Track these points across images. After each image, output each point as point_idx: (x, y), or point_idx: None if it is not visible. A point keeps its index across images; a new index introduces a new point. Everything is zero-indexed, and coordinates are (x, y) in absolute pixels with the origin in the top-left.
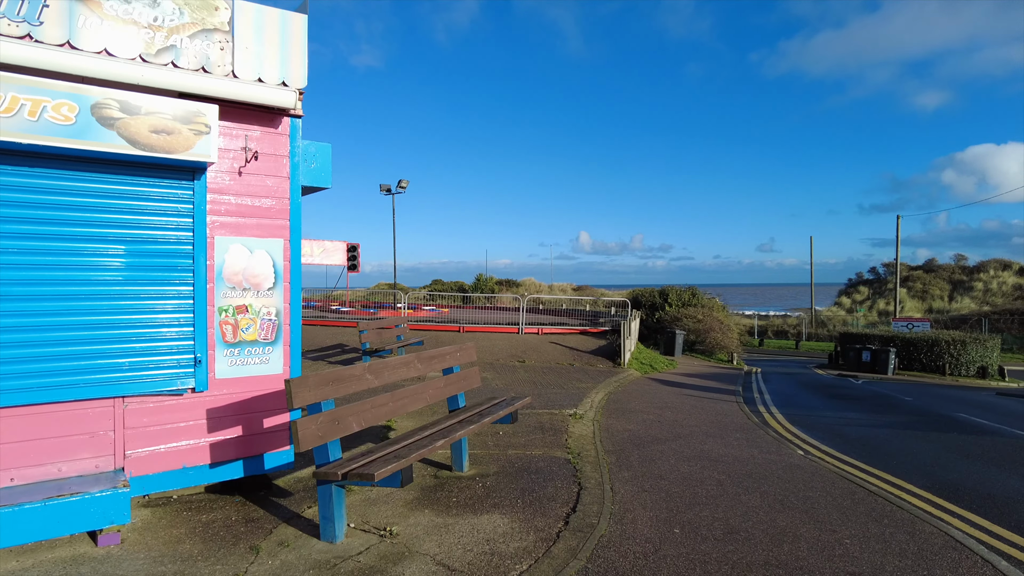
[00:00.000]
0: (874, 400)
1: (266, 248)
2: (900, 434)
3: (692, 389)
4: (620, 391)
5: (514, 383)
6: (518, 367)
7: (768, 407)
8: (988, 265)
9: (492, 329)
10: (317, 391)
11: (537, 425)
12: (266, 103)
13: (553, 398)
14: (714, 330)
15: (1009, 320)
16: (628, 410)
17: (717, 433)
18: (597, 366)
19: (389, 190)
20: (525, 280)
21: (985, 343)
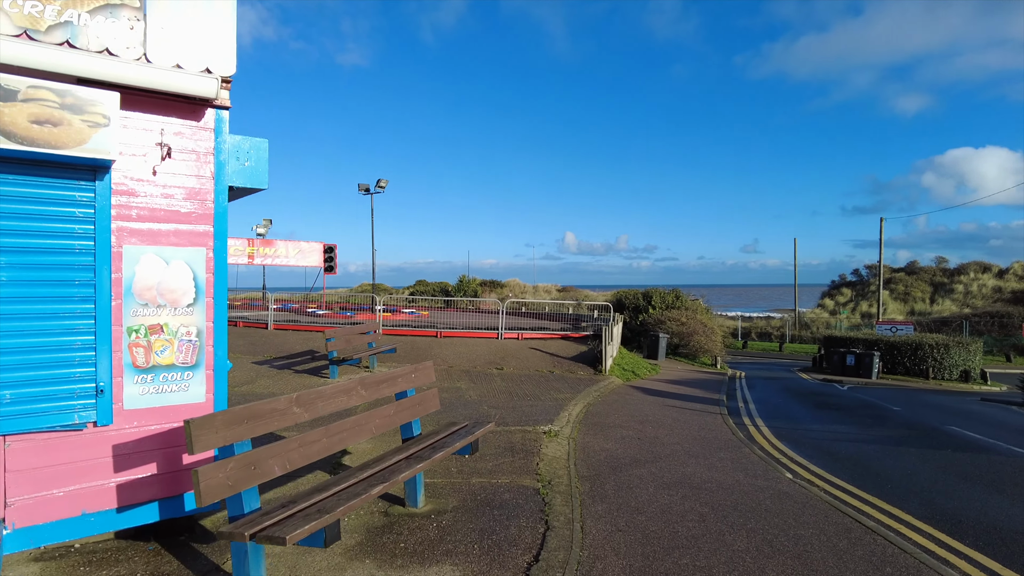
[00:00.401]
0: (862, 410)
1: (185, 258)
2: (892, 451)
3: (675, 399)
4: (600, 402)
5: (489, 394)
6: (495, 375)
7: (753, 419)
8: (968, 268)
9: (471, 334)
10: (227, 432)
11: (508, 446)
12: (184, 92)
13: (528, 412)
14: (698, 333)
15: (989, 322)
16: (607, 425)
17: (700, 452)
18: (577, 373)
19: (368, 190)
20: (510, 281)
21: (968, 347)
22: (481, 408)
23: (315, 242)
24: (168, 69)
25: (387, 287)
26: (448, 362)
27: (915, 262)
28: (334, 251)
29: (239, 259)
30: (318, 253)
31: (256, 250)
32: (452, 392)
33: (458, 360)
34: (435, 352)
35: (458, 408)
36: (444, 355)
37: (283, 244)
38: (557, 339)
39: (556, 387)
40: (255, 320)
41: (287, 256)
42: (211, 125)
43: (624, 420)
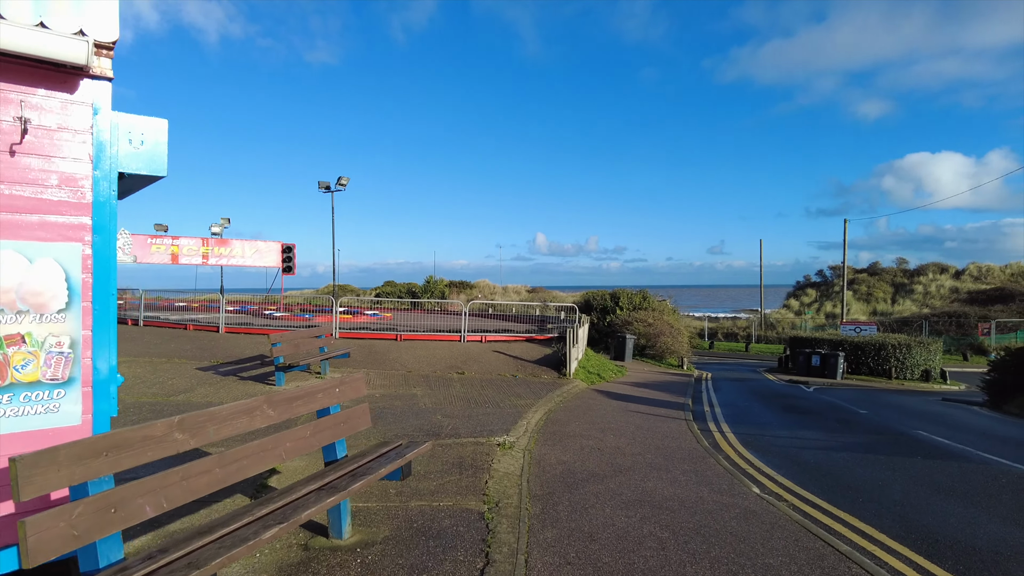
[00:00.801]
0: (829, 414)
1: (55, 255)
2: (862, 460)
3: (639, 403)
4: (561, 408)
5: (446, 401)
6: (455, 380)
7: (719, 424)
8: (927, 269)
9: (432, 337)
10: (76, 468)
11: (456, 461)
12: (49, 56)
13: (484, 421)
14: (664, 334)
15: (947, 322)
16: (566, 434)
17: (663, 464)
18: (541, 377)
19: (328, 187)
20: (479, 282)
21: (928, 347)
22: (434, 417)
23: (273, 242)
24: (27, 27)
25: (354, 288)
26: (407, 367)
27: (877, 263)
28: (292, 251)
29: (193, 259)
30: (276, 253)
31: (211, 250)
32: (406, 400)
33: (417, 364)
34: (393, 356)
35: (409, 418)
36: (403, 359)
37: (239, 244)
38: (522, 341)
39: (517, 392)
40: (206, 323)
41: (243, 256)
42: (89, 99)
43: (585, 428)
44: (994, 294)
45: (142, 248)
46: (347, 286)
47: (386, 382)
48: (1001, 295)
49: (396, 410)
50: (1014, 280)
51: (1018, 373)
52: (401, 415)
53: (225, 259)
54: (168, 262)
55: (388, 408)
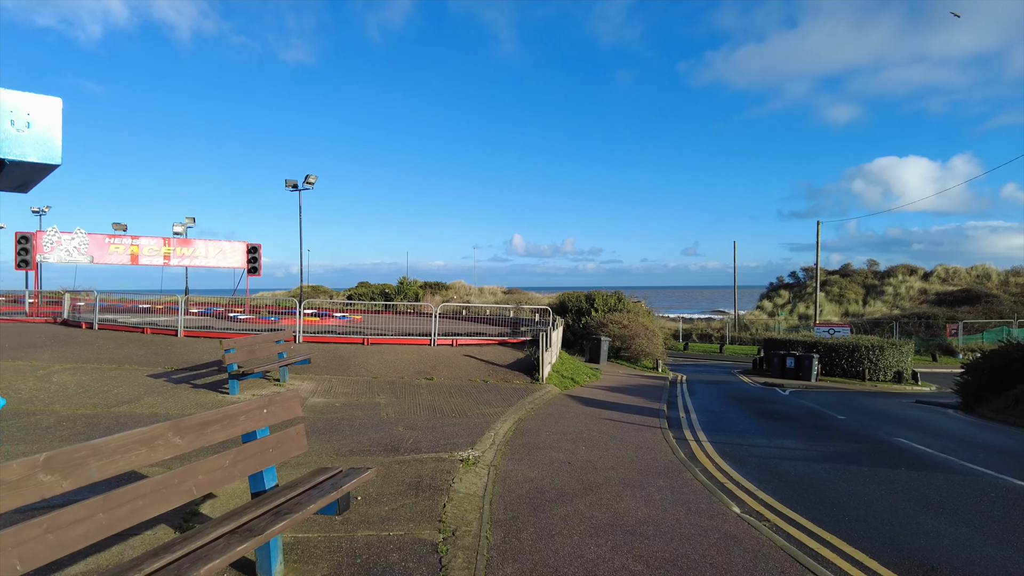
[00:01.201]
0: (807, 420)
1: None
2: (844, 472)
3: (613, 410)
4: (533, 416)
5: (410, 410)
6: (422, 387)
7: (695, 432)
8: (897, 270)
9: (401, 341)
10: None
11: (414, 482)
12: None
13: (449, 433)
14: (639, 336)
15: (917, 323)
16: (536, 446)
17: (637, 480)
18: (513, 382)
19: (295, 186)
20: (455, 283)
21: (900, 348)
22: (395, 429)
23: (238, 242)
24: None
25: (327, 289)
26: (372, 372)
27: (848, 265)
28: (258, 251)
29: (154, 259)
30: (241, 253)
31: (173, 250)
32: (368, 409)
33: (384, 370)
34: (359, 361)
35: (368, 430)
36: (369, 364)
37: (203, 244)
38: (494, 345)
39: (487, 400)
40: (164, 326)
41: (207, 256)
42: None
43: (556, 439)
44: (961, 295)
45: (99, 248)
46: (320, 287)
47: (349, 389)
48: (967, 296)
49: (355, 421)
50: (979, 282)
51: (992, 376)
52: (360, 427)
53: (188, 260)
54: (127, 263)
55: (347, 419)
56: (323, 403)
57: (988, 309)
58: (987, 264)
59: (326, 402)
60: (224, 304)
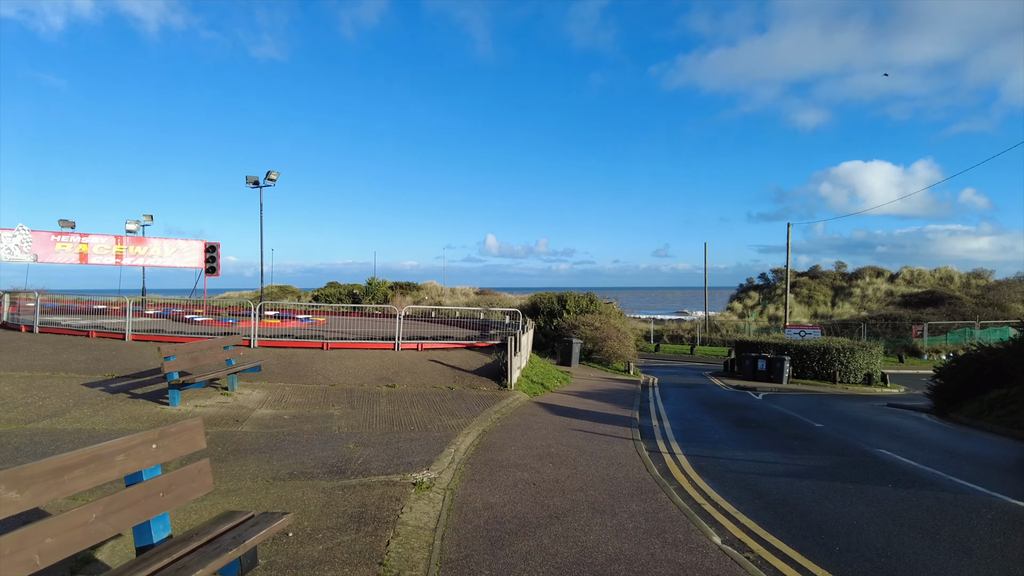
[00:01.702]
0: (784, 428)
1: None
2: (829, 490)
3: (583, 419)
4: (498, 428)
5: (366, 423)
6: (382, 396)
7: (669, 443)
8: (864, 272)
9: (363, 345)
10: None
11: (357, 511)
12: None
13: (405, 449)
14: (611, 338)
15: (884, 324)
16: (499, 464)
17: (608, 505)
18: (480, 389)
19: (256, 183)
20: (426, 283)
21: (870, 351)
22: (345, 446)
23: (195, 240)
24: None
25: (295, 289)
26: (330, 379)
27: (817, 266)
28: (216, 250)
29: (105, 259)
30: (199, 252)
31: (125, 249)
32: (319, 422)
33: (343, 377)
34: (317, 367)
35: (314, 447)
36: (327, 371)
37: (158, 242)
38: (461, 349)
39: (451, 409)
40: (112, 330)
41: (163, 256)
42: None
43: (521, 455)
44: (925, 297)
45: (44, 246)
46: (288, 287)
47: (302, 399)
48: (932, 298)
49: (303, 436)
50: (942, 284)
51: (965, 380)
52: (306, 443)
53: (142, 259)
54: (75, 261)
55: (293, 434)
56: (270, 415)
57: (951, 311)
58: (949, 267)
59: (274, 414)
60: (184, 305)
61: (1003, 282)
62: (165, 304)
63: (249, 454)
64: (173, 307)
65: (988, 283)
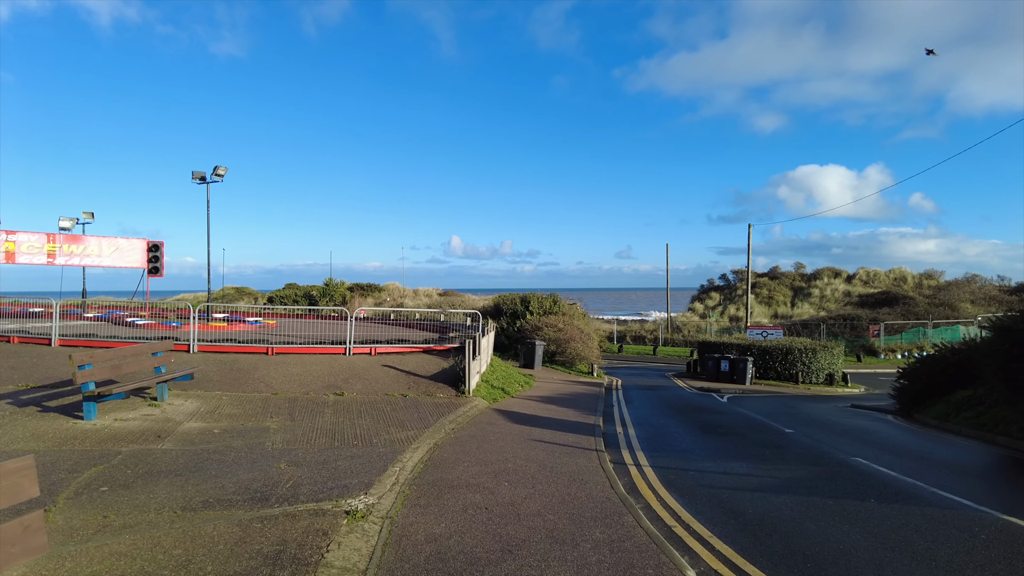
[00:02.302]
0: (753, 435)
1: None
2: (808, 507)
3: (545, 427)
4: (452, 440)
5: (304, 437)
6: (328, 405)
7: (634, 453)
8: (823, 273)
9: (311, 350)
10: None
11: (274, 550)
12: None
13: (343, 469)
14: (575, 340)
15: (842, 324)
16: (449, 485)
17: (569, 533)
18: (436, 396)
19: (203, 178)
20: (388, 285)
21: (832, 350)
22: (276, 466)
23: (136, 239)
24: None
25: (252, 291)
26: (273, 387)
27: (777, 267)
28: (160, 249)
29: (35, 258)
30: (140, 251)
31: (59, 248)
32: (252, 437)
33: (287, 385)
34: (260, 374)
35: (240, 468)
36: (270, 378)
37: (95, 241)
38: (418, 353)
39: (402, 420)
40: (37, 334)
41: (100, 255)
42: None
43: (475, 472)
44: (881, 297)
45: None
46: (245, 289)
47: (238, 410)
48: (887, 298)
49: (230, 455)
50: (896, 284)
51: (928, 381)
52: (232, 463)
53: (78, 258)
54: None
55: (220, 452)
56: (199, 429)
57: (906, 311)
58: (903, 267)
59: (203, 428)
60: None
61: (952, 283)
62: (110, 307)
63: (162, 477)
64: (118, 310)
65: (939, 283)
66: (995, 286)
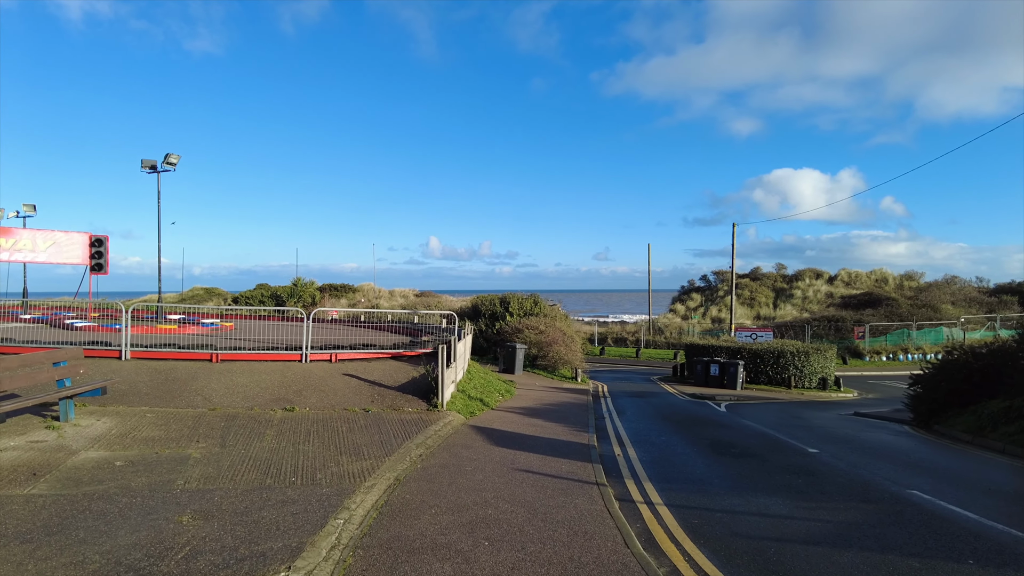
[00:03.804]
0: (771, 454)
1: None
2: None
3: (531, 451)
4: (418, 473)
5: (229, 472)
6: (273, 424)
7: (641, 484)
8: (804, 274)
9: (262, 356)
10: None
11: None
12: None
13: (268, 521)
14: (557, 343)
15: (826, 326)
16: (409, 547)
17: None
18: (403, 411)
19: (154, 167)
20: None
21: (825, 353)
22: (179, 518)
23: (76, 232)
24: None
25: (222, 291)
26: (212, 401)
27: (758, 268)
28: (104, 244)
29: None
30: (81, 247)
31: None
32: (163, 471)
33: (229, 398)
34: (198, 385)
35: (127, 523)
36: (210, 390)
37: (28, 234)
38: (386, 359)
39: (358, 444)
40: None
41: (35, 250)
42: None
43: (445, 526)
44: (864, 299)
45: None
46: (214, 289)
47: (159, 432)
48: (870, 300)
49: (120, 502)
50: (878, 285)
51: (949, 390)
52: (117, 518)
53: (7, 253)
54: None
55: (109, 496)
56: (96, 461)
57: (889, 312)
58: (884, 269)
59: (102, 459)
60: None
61: (933, 284)
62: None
63: (7, 544)
64: (64, 311)
65: (919, 285)
66: (974, 287)
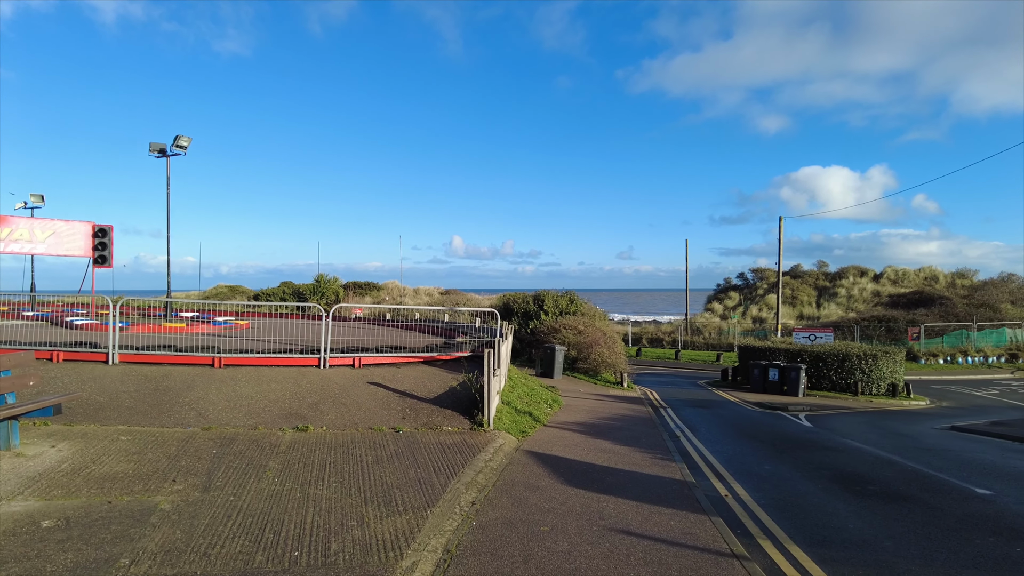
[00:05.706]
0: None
1: None
2: None
3: (616, 495)
4: (475, 536)
5: (207, 534)
6: (278, 452)
7: (783, 548)
8: (848, 272)
9: (273, 361)
10: None
11: None
12: None
13: None
14: (598, 344)
15: (877, 326)
16: None
17: None
18: (442, 430)
19: (163, 151)
20: (388, 283)
21: (894, 357)
22: None
23: (78, 222)
24: None
25: (246, 289)
26: (208, 417)
27: (799, 265)
28: (108, 235)
29: None
30: (83, 237)
31: None
32: (111, 531)
33: (229, 413)
34: (193, 396)
35: None
36: (206, 402)
37: (26, 223)
38: (417, 364)
39: (388, 486)
40: None
41: (33, 240)
42: None
43: None
44: (914, 297)
45: None
46: (238, 287)
47: (128, 465)
48: (921, 299)
49: None
50: (927, 284)
51: None
52: None
53: (2, 244)
54: None
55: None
56: (16, 518)
57: (944, 312)
58: (933, 266)
59: (28, 514)
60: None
61: (989, 282)
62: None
63: None
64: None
65: (973, 283)
66: None
